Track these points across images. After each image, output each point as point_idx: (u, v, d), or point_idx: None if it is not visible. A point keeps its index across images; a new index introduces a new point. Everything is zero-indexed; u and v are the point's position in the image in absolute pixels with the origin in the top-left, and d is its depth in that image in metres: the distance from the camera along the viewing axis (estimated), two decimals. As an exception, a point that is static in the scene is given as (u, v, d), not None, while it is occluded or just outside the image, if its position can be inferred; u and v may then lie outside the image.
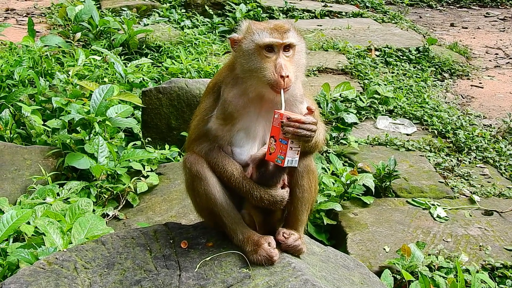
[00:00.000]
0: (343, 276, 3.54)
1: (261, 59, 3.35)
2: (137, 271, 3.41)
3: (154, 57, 9.38)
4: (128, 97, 6.35)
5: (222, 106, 3.51)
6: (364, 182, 5.74)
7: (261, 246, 3.38)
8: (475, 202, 5.91)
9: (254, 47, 3.36)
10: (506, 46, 12.61)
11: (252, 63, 3.36)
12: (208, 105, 3.62)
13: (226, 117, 3.50)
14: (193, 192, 3.56)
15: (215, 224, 3.60)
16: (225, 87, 3.55)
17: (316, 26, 11.88)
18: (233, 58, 3.59)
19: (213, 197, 3.45)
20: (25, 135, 6.38)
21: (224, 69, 3.67)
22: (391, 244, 5.07)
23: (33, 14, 12.26)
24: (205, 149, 3.53)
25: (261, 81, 3.35)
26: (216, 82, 3.66)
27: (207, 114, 3.58)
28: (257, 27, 3.41)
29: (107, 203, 5.47)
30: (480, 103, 9.19)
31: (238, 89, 3.50)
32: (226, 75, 3.59)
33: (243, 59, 3.40)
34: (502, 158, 7.07)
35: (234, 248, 3.45)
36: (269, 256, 3.36)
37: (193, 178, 3.50)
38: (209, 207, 3.50)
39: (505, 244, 5.22)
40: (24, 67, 7.40)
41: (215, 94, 3.61)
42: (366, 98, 8.18)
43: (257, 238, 3.43)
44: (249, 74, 3.39)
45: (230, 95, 3.50)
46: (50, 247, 4.19)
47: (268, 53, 3.35)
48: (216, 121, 3.52)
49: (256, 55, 3.36)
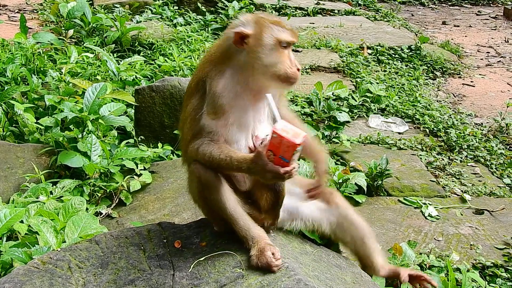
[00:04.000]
0: (335, 276, 3.56)
1: (279, 53, 3.41)
2: (131, 271, 3.42)
3: (146, 55, 9.36)
4: (121, 95, 6.35)
5: (211, 100, 3.48)
6: (356, 181, 5.76)
7: (264, 254, 3.36)
8: (466, 201, 5.95)
9: (274, 42, 3.40)
10: (497, 44, 12.67)
11: (271, 57, 3.40)
12: (195, 103, 3.56)
13: (217, 110, 3.47)
14: (203, 200, 3.56)
15: (226, 229, 3.58)
16: (211, 80, 3.51)
17: (309, 24, 11.90)
18: (224, 50, 3.54)
19: (223, 206, 3.43)
20: (17, 133, 6.36)
21: (206, 64, 3.60)
22: (382, 243, 5.10)
23: (25, 10, 12.20)
24: (204, 141, 3.48)
25: (276, 74, 3.41)
26: (198, 80, 3.59)
27: (197, 112, 3.53)
28: (273, 22, 3.46)
29: (100, 202, 5.47)
30: (472, 101, 9.24)
31: (226, 80, 3.49)
32: (209, 70, 3.54)
33: (260, 53, 3.41)
34: (493, 157, 7.12)
35: (228, 247, 3.47)
36: (268, 265, 3.33)
37: (202, 187, 3.47)
38: (220, 215, 3.49)
39: (496, 243, 5.26)
40: (17, 64, 7.38)
41: (200, 91, 3.56)
42: (358, 96, 8.21)
43: (263, 245, 3.40)
44: (263, 68, 3.42)
45: (219, 87, 3.48)
46: (43, 246, 4.19)
47: (283, 49, 3.42)
48: (208, 117, 3.48)
49: (274, 50, 3.41)
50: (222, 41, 3.62)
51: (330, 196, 3.89)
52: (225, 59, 3.53)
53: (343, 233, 3.94)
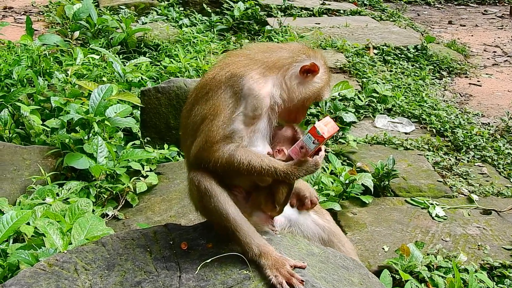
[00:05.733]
0: (342, 277, 3.55)
1: (310, 103, 3.61)
2: (137, 273, 3.42)
3: (152, 56, 9.37)
4: (127, 96, 6.35)
5: (252, 103, 3.31)
6: (363, 181, 5.75)
7: (284, 266, 3.27)
8: (474, 201, 5.93)
9: (319, 97, 3.57)
10: (504, 44, 12.63)
11: (306, 103, 3.55)
12: (228, 101, 3.34)
13: (255, 116, 3.34)
14: (204, 209, 3.48)
15: (229, 238, 3.46)
16: (253, 82, 3.33)
17: (314, 24, 11.89)
18: (280, 60, 3.45)
19: (224, 213, 3.33)
20: (24, 135, 6.38)
21: (246, 61, 3.43)
22: (390, 244, 5.09)
23: (31, 12, 12.23)
24: (238, 148, 3.32)
25: (292, 116, 3.58)
26: (232, 74, 3.37)
27: (233, 112, 3.32)
28: (330, 78, 3.61)
29: (106, 203, 5.48)
30: (478, 101, 9.21)
31: (270, 88, 3.39)
32: (251, 69, 3.38)
33: (306, 93, 3.49)
34: (500, 157, 7.09)
35: (234, 249, 3.46)
36: (290, 276, 3.23)
37: (202, 195, 3.37)
38: (222, 223, 3.37)
39: (504, 243, 5.24)
40: (23, 66, 7.40)
41: (233, 87, 3.34)
42: (365, 96, 8.20)
43: (278, 256, 3.33)
44: (297, 102, 3.49)
45: (264, 91, 3.35)
46: (50, 248, 4.19)
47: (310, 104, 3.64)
48: (244, 120, 3.33)
49: (312, 100, 3.58)
50: (282, 51, 3.51)
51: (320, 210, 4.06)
52: (275, 68, 3.42)
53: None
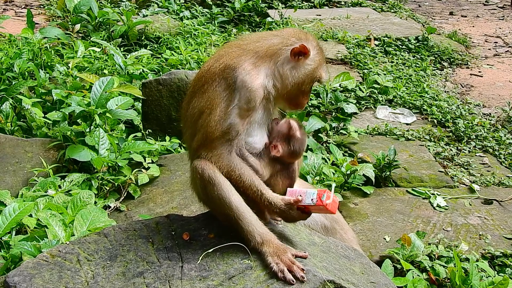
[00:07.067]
0: (344, 266, 3.56)
1: (310, 85, 3.54)
2: (139, 263, 3.43)
3: (153, 48, 9.37)
4: (128, 89, 6.35)
5: (245, 95, 3.29)
6: (364, 172, 5.76)
7: (286, 254, 3.30)
8: (475, 191, 5.94)
9: (317, 76, 3.51)
10: (505, 34, 12.60)
11: (306, 85, 3.49)
12: (223, 94, 3.32)
13: (250, 107, 3.33)
14: (207, 197, 3.47)
15: (231, 227, 3.47)
16: (246, 73, 3.31)
17: (315, 16, 11.87)
18: (271, 47, 3.41)
19: (228, 201, 3.33)
20: (25, 127, 6.39)
21: (239, 52, 3.41)
22: (391, 234, 5.10)
23: (32, 5, 12.24)
24: (232, 153, 3.37)
25: (295, 100, 3.54)
26: (226, 66, 3.34)
27: (228, 105, 3.32)
28: (325, 61, 3.58)
29: (108, 195, 5.49)
30: (480, 92, 9.20)
31: (263, 78, 3.36)
32: (244, 60, 3.35)
33: (303, 76, 3.45)
34: (501, 147, 7.09)
35: (236, 239, 3.47)
36: (291, 263, 3.26)
37: (205, 184, 3.38)
38: (225, 212, 3.38)
39: (505, 233, 5.25)
40: (24, 59, 7.40)
41: (227, 80, 3.32)
42: (366, 88, 8.19)
43: (279, 244, 3.36)
44: (294, 87, 3.45)
45: (256, 83, 3.32)
46: (52, 239, 4.21)
47: (313, 83, 3.56)
48: (239, 113, 3.32)
49: (312, 81, 3.52)
50: (273, 38, 3.49)
51: None
52: (266, 57, 3.40)
53: (334, 236, 4.01)
